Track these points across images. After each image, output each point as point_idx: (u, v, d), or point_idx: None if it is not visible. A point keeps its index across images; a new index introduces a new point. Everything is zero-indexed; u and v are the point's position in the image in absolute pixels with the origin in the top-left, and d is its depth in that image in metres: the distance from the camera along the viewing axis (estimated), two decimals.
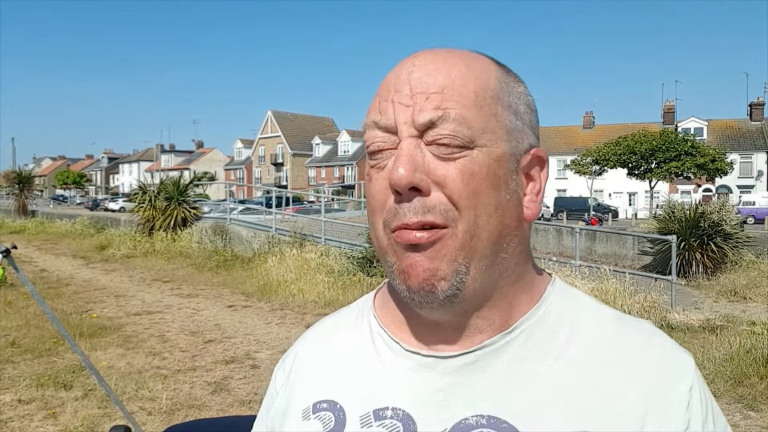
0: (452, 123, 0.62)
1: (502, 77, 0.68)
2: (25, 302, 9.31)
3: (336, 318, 0.83)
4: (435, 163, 0.63)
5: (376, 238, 0.68)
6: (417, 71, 0.65)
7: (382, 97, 0.67)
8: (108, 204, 48.01)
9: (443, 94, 0.63)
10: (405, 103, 0.64)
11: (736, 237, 12.67)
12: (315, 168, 69.38)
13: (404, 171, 0.61)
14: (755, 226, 23.45)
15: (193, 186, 20.10)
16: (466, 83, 0.64)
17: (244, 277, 12.34)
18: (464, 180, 0.62)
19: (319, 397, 0.73)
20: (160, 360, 6.62)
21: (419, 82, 0.64)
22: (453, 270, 0.63)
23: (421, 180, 0.62)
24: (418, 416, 0.66)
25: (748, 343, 6.43)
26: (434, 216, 0.62)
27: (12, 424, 4.75)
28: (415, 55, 0.68)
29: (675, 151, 31.87)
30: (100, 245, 19.08)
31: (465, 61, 0.66)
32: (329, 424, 0.70)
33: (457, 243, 0.62)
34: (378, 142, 0.66)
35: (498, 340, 0.67)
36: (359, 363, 0.73)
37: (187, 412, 5.02)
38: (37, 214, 34.69)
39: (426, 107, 0.63)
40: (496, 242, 0.64)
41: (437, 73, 0.64)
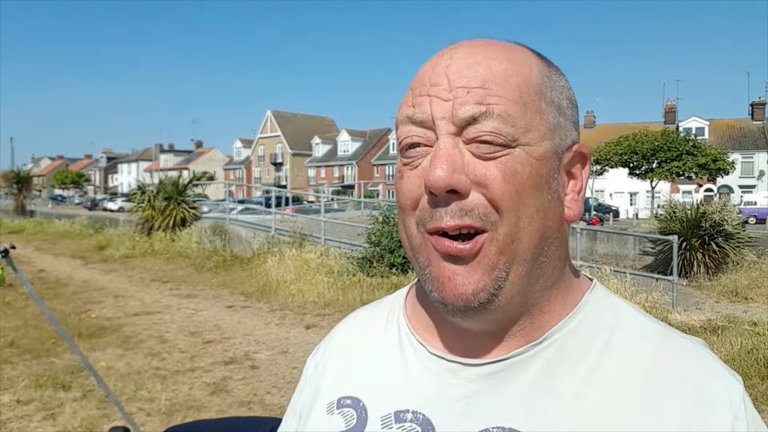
0: (495, 120, 0.59)
1: (545, 71, 0.65)
2: (23, 303, 9.30)
3: (369, 312, 0.82)
4: (475, 163, 0.59)
5: (408, 237, 0.65)
6: (455, 64, 0.61)
7: (417, 91, 0.63)
8: (107, 204, 47.97)
9: (485, 89, 0.59)
10: (443, 98, 0.60)
11: (737, 237, 12.65)
12: (314, 168, 69.42)
13: (443, 173, 0.57)
14: (757, 226, 23.44)
15: (192, 186, 20.09)
16: (509, 78, 0.61)
17: (244, 278, 12.32)
18: (506, 179, 0.59)
19: (344, 392, 0.72)
20: (159, 361, 6.60)
21: (458, 75, 0.60)
22: (493, 278, 0.60)
23: (459, 182, 0.58)
24: (437, 422, 0.64)
25: (749, 344, 6.43)
26: (472, 219, 0.59)
27: (11, 425, 4.74)
28: (452, 46, 0.64)
29: (676, 150, 31.86)
30: (98, 245, 19.07)
31: (506, 54, 0.63)
32: (351, 421, 0.69)
33: (498, 247, 0.60)
34: (414, 136, 0.62)
35: (526, 350, 0.64)
36: (385, 362, 0.72)
37: (186, 413, 5.01)
38: (36, 214, 34.74)
39: (467, 101, 0.59)
40: (537, 246, 0.61)
41: (477, 67, 0.61)
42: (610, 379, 0.61)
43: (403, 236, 0.66)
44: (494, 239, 0.59)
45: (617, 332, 0.65)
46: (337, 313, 9.12)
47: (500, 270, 0.60)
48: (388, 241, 11.13)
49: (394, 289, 3.83)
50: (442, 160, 0.58)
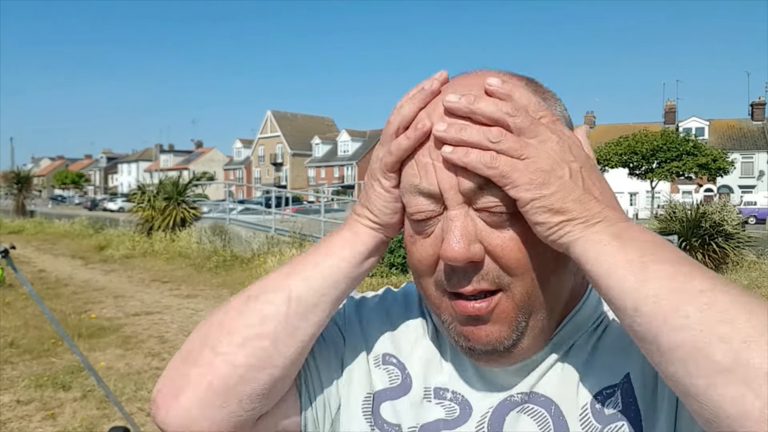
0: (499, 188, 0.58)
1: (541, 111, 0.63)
2: (23, 303, 9.29)
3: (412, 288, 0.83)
4: (488, 231, 0.60)
5: (427, 296, 0.67)
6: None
7: (419, 157, 0.62)
8: (107, 204, 48.00)
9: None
10: (447, 167, 0.59)
11: (737, 237, 12.63)
12: (314, 168, 69.45)
13: (460, 248, 0.58)
14: (757, 226, 23.46)
15: (192, 186, 20.10)
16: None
17: (244, 278, 12.31)
18: (521, 249, 0.60)
19: (389, 350, 0.76)
20: (159, 361, 6.60)
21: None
22: (513, 328, 0.63)
23: (476, 254, 0.59)
24: (474, 401, 0.70)
25: None
26: (488, 283, 0.61)
27: (11, 425, 4.74)
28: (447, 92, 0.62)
29: (676, 150, 31.89)
30: (98, 245, 19.07)
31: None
32: (395, 380, 0.74)
33: (514, 304, 0.62)
34: (424, 211, 0.62)
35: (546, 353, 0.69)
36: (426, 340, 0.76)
37: None
38: (36, 214, 34.71)
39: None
40: (554, 291, 0.64)
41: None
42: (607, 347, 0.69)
43: (421, 291, 0.69)
44: (511, 298, 0.62)
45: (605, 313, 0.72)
46: None
47: (519, 322, 0.63)
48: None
49: None
50: (457, 235, 0.59)
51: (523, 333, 0.63)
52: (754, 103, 46.83)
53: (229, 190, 28.15)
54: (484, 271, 0.60)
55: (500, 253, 0.60)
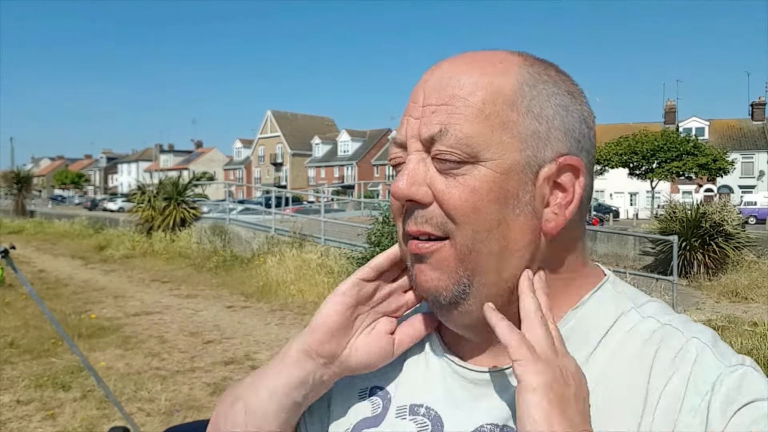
0: (451, 139, 0.61)
1: (527, 78, 0.64)
2: (23, 303, 9.29)
3: None
4: (437, 178, 0.63)
5: (399, 244, 0.71)
6: (433, 79, 0.65)
7: (405, 110, 0.67)
8: (107, 204, 47.97)
9: (450, 105, 0.62)
10: (415, 116, 0.65)
11: (737, 237, 12.64)
12: (314, 168, 69.45)
13: (402, 184, 0.63)
14: (757, 227, 23.43)
15: (192, 186, 20.08)
16: (475, 91, 0.62)
17: (244, 278, 12.31)
18: (462, 197, 0.62)
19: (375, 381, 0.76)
20: (159, 361, 6.60)
21: (432, 91, 0.64)
22: (454, 281, 0.64)
23: (417, 193, 0.63)
24: (447, 419, 0.68)
25: (749, 344, 6.43)
26: (431, 227, 0.63)
27: (11, 425, 4.74)
28: (441, 60, 0.68)
29: (676, 150, 31.87)
30: (98, 245, 19.06)
31: (483, 66, 0.64)
32: (377, 408, 0.74)
33: (456, 255, 0.63)
34: (395, 158, 0.68)
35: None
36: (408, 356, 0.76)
37: (186, 413, 5.01)
38: (36, 214, 34.71)
39: (431, 121, 0.63)
40: (500, 258, 0.63)
41: (449, 82, 0.63)
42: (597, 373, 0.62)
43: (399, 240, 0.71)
44: (453, 247, 0.63)
45: (613, 328, 0.65)
46: None
47: (461, 276, 0.63)
48: (388, 241, 11.10)
49: None
50: (404, 174, 0.64)
51: (466, 291, 0.63)
52: (754, 103, 46.80)
53: (229, 190, 28.15)
54: (429, 215, 0.63)
55: (442, 198, 0.62)
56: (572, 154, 0.65)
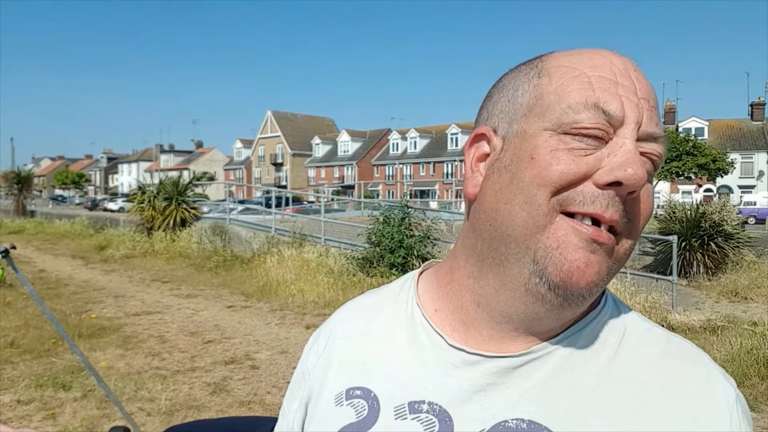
0: (661, 146, 0.62)
1: None
2: (24, 303, 9.30)
3: (373, 299, 0.80)
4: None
5: (530, 215, 0.61)
6: (634, 72, 0.63)
7: (599, 82, 0.61)
8: (107, 204, 47.99)
9: (654, 109, 0.62)
10: (633, 101, 0.60)
11: (737, 237, 12.63)
12: (315, 168, 69.42)
13: (641, 173, 0.58)
14: (756, 227, 23.46)
15: (192, 186, 20.07)
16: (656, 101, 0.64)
17: (244, 278, 12.32)
18: (650, 204, 0.63)
19: (353, 383, 0.71)
20: (160, 360, 6.61)
21: (640, 84, 0.62)
22: (609, 276, 0.62)
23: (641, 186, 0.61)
24: (454, 413, 0.64)
25: (749, 344, 6.42)
26: (619, 214, 0.60)
27: (11, 425, 4.72)
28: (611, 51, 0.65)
29: (676, 151, 31.87)
30: (99, 245, 19.05)
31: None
32: (362, 412, 0.68)
33: (619, 255, 0.62)
34: (600, 128, 0.60)
35: (545, 347, 0.65)
36: (397, 352, 0.71)
37: (187, 413, 5.01)
38: (36, 214, 34.69)
39: (652, 118, 0.61)
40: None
41: (648, 86, 0.63)
42: (623, 377, 0.63)
43: (519, 215, 0.61)
44: (621, 248, 0.62)
45: (627, 333, 0.67)
46: None
47: (612, 274, 0.62)
48: (389, 241, 11.12)
49: None
50: (637, 161, 0.58)
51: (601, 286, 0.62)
52: (753, 104, 46.80)
53: (229, 190, 28.12)
54: (623, 208, 0.60)
55: (644, 198, 0.62)
56: None
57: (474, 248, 0.67)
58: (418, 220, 11.59)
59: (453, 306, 0.70)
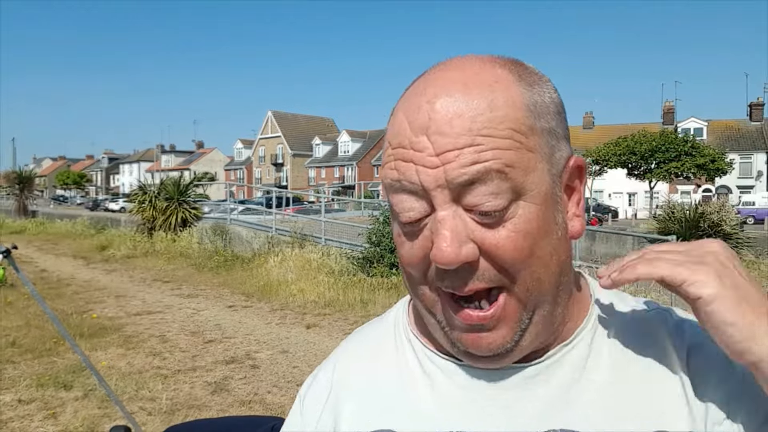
0: (494, 180, 0.54)
1: (527, 94, 0.58)
2: (25, 302, 9.30)
3: (372, 336, 0.76)
4: (480, 231, 0.56)
5: (417, 296, 0.63)
6: (435, 123, 0.56)
7: (397, 154, 0.58)
8: (108, 204, 47.98)
9: (475, 146, 0.54)
10: (430, 165, 0.55)
11: (735, 237, 12.65)
12: (315, 168, 69.33)
13: (451, 250, 0.54)
14: (755, 227, 23.43)
15: (193, 186, 20.08)
16: (497, 125, 0.55)
17: (245, 278, 12.32)
18: (517, 246, 0.56)
19: (370, 426, 0.66)
20: (161, 360, 6.62)
21: (442, 137, 0.55)
22: (516, 330, 0.60)
23: (468, 255, 0.55)
24: None
25: None
26: (485, 282, 0.57)
27: (12, 425, 4.74)
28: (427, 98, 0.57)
29: (675, 151, 31.88)
30: (100, 245, 19.06)
31: (487, 95, 0.56)
32: None
33: (518, 302, 0.59)
34: (411, 212, 0.58)
35: (557, 351, 0.65)
36: (410, 387, 0.68)
37: (187, 413, 5.02)
38: (38, 214, 34.70)
39: (461, 164, 0.54)
40: (556, 283, 0.60)
41: (461, 118, 0.55)
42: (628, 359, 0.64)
43: (411, 291, 0.64)
44: (514, 296, 0.58)
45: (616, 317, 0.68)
46: (338, 312, 9.12)
47: (523, 321, 0.59)
48: (389, 241, 11.12)
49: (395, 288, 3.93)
50: (446, 237, 0.55)
51: (526, 331, 0.60)
52: (752, 104, 46.71)
53: (230, 191, 28.15)
54: (480, 272, 0.57)
55: (495, 253, 0.56)
56: (571, 152, 0.63)
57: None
58: None
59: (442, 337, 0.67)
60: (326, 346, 7.14)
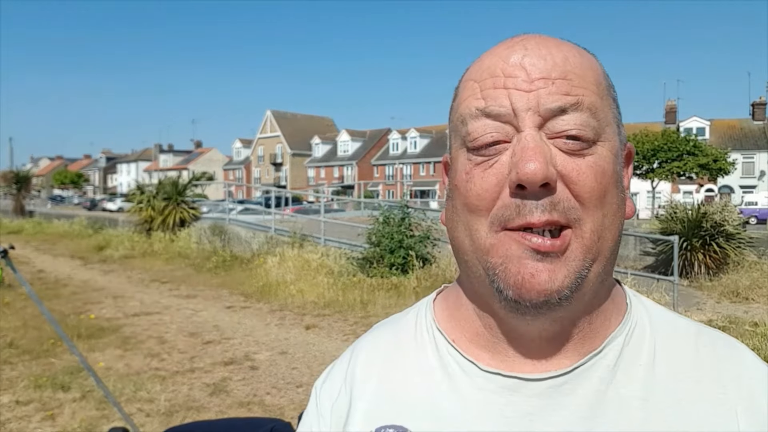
0: (584, 113, 0.57)
1: (602, 66, 0.64)
2: (22, 303, 9.27)
3: (389, 332, 0.75)
4: (563, 157, 0.57)
5: (473, 240, 0.60)
6: (531, 55, 0.59)
7: (488, 83, 0.59)
8: (106, 204, 47.94)
9: (568, 80, 0.57)
10: (524, 89, 0.57)
11: (738, 237, 12.61)
12: (314, 168, 69.40)
13: (538, 165, 0.54)
14: (758, 227, 23.39)
15: (191, 186, 20.07)
16: (585, 71, 0.59)
17: (243, 278, 12.30)
18: (597, 179, 0.57)
19: (382, 421, 0.66)
20: (159, 361, 6.59)
21: (536, 66, 0.58)
22: (577, 275, 0.57)
23: (553, 174, 0.55)
24: None
25: (750, 344, 6.41)
26: (559, 214, 0.56)
27: (10, 426, 4.73)
28: (521, 38, 0.61)
29: (677, 150, 31.88)
30: (98, 246, 19.05)
31: (575, 48, 0.61)
32: None
33: (584, 245, 0.57)
34: (492, 133, 0.58)
35: (586, 361, 0.62)
36: (428, 385, 0.66)
37: (186, 414, 5.00)
38: (35, 214, 34.69)
39: (554, 92, 0.57)
40: (617, 242, 0.61)
41: (555, 58, 0.58)
42: (666, 380, 0.61)
43: (465, 240, 0.62)
44: (580, 236, 0.57)
45: (658, 333, 0.65)
46: (337, 313, 9.09)
47: (585, 267, 0.58)
48: (389, 241, 11.10)
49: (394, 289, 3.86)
50: (535, 152, 0.55)
51: (582, 283, 0.57)
52: (755, 103, 46.77)
53: (228, 190, 28.16)
54: (556, 199, 0.56)
55: (576, 179, 0.56)
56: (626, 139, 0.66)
57: (462, 274, 0.67)
58: (418, 220, 11.57)
59: (470, 334, 0.67)
60: (325, 347, 7.12)
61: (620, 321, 0.65)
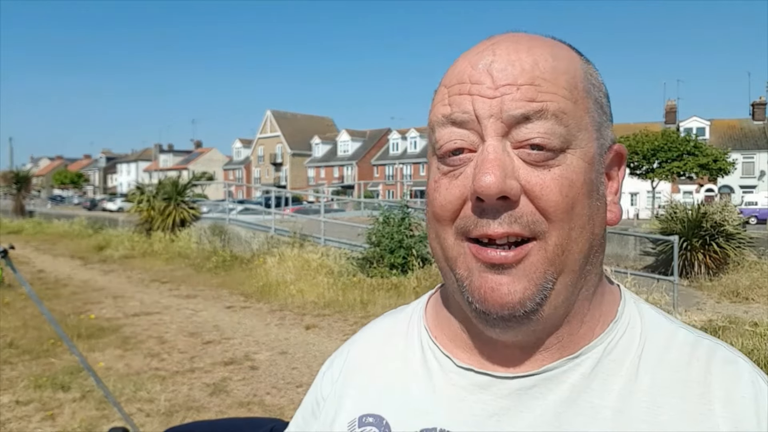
0: (549, 120, 0.55)
1: (585, 66, 0.62)
2: (22, 303, 9.27)
3: (388, 323, 0.77)
4: (526, 169, 0.56)
5: (443, 248, 0.61)
6: (499, 60, 0.57)
7: (454, 89, 0.59)
8: (106, 204, 47.93)
9: (535, 86, 0.56)
10: (488, 95, 0.56)
11: (738, 237, 12.60)
12: (314, 168, 69.37)
13: (494, 178, 0.53)
14: (758, 227, 23.36)
15: (191, 186, 20.05)
16: (558, 74, 0.57)
17: (243, 278, 12.29)
18: (563, 192, 0.55)
19: (366, 410, 0.68)
20: (159, 361, 6.59)
21: (503, 72, 0.57)
22: (539, 287, 0.57)
23: (512, 188, 0.54)
24: None
25: (750, 344, 6.40)
26: (521, 227, 0.55)
27: (10, 426, 4.73)
28: (492, 41, 0.60)
29: (677, 150, 31.85)
30: (98, 246, 19.05)
31: (551, 49, 0.59)
32: None
33: (547, 258, 0.56)
34: (457, 140, 0.58)
35: (560, 365, 0.61)
36: (408, 378, 0.68)
37: (186, 414, 5.00)
38: (35, 214, 34.67)
39: (518, 98, 0.55)
40: (586, 255, 0.59)
41: (523, 63, 0.57)
42: (645, 393, 0.59)
43: (436, 247, 0.62)
44: (543, 249, 0.56)
45: (648, 343, 0.62)
46: (337, 313, 9.09)
47: (547, 280, 0.57)
48: (389, 241, 11.10)
49: (394, 289, 3.87)
50: (493, 165, 0.54)
51: (548, 296, 0.57)
52: (755, 103, 46.75)
53: (228, 190, 28.15)
54: (518, 213, 0.55)
55: (539, 193, 0.55)
56: (615, 139, 0.64)
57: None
58: (418, 220, 11.57)
59: (450, 333, 0.68)
60: (325, 347, 7.12)
61: (604, 330, 0.63)
